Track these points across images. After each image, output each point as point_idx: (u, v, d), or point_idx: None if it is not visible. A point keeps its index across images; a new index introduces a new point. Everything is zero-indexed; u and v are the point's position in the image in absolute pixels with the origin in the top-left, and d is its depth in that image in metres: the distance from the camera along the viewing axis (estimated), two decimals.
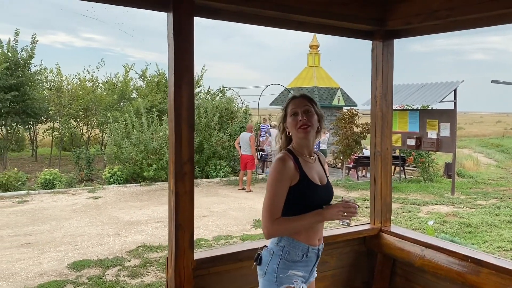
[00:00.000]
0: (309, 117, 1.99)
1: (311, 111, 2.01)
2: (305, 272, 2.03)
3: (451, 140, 10.73)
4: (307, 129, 1.98)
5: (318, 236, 2.06)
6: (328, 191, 2.08)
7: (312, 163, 2.05)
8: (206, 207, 9.19)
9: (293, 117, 2.01)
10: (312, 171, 2.02)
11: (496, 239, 7.02)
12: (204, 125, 13.53)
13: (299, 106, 2.01)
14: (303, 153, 2.03)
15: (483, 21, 2.41)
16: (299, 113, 1.99)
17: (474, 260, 2.37)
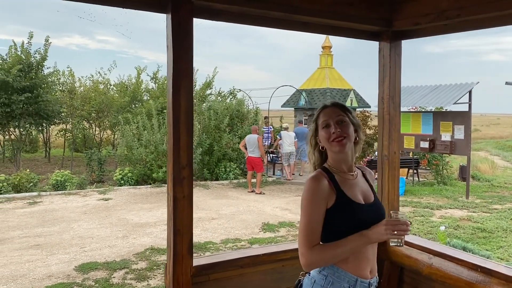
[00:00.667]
0: (344, 128, 1.75)
1: (345, 120, 1.77)
2: None
3: (465, 142, 10.53)
4: (342, 142, 1.74)
5: (369, 267, 1.76)
6: (376, 210, 1.79)
7: (352, 180, 1.80)
8: (215, 209, 9.15)
9: (325, 129, 1.77)
10: (353, 188, 1.77)
11: (511, 244, 6.84)
12: (214, 127, 13.51)
13: (331, 116, 1.78)
14: (341, 169, 1.79)
15: (494, 21, 2.32)
16: (332, 124, 1.76)
17: (484, 270, 2.27)
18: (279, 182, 12.97)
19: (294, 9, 2.36)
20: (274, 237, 7.24)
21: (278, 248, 2.61)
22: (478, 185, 12.78)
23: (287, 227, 7.84)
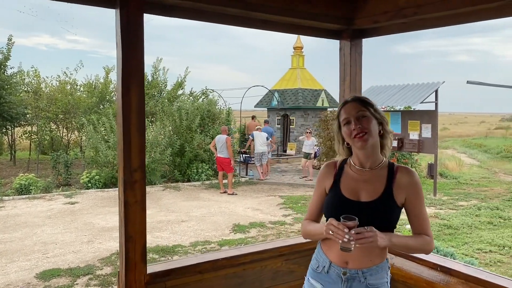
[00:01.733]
0: (365, 123, 1.73)
1: (366, 115, 1.75)
2: None
3: (432, 141, 10.73)
4: (364, 137, 1.72)
5: (343, 257, 1.77)
6: (360, 209, 1.73)
7: (359, 175, 1.80)
8: (186, 211, 9.02)
9: (347, 126, 1.76)
10: (352, 182, 1.80)
11: (475, 241, 6.99)
12: (185, 127, 13.34)
13: (351, 112, 1.76)
14: (356, 163, 1.82)
15: (450, 19, 2.32)
16: (352, 120, 1.75)
17: (443, 269, 2.27)
18: (251, 183, 12.92)
19: (251, 6, 2.29)
20: (244, 238, 7.17)
21: (239, 252, 2.54)
22: (446, 183, 13.08)
23: (257, 228, 7.78)
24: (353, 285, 1.78)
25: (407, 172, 1.79)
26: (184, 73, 17.83)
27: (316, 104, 19.02)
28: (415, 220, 1.79)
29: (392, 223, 1.77)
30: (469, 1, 2.09)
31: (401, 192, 1.75)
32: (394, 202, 1.74)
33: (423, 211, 1.79)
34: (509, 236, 7.25)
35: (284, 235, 7.34)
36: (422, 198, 1.79)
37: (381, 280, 1.82)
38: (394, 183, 1.76)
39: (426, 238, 1.78)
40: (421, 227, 1.79)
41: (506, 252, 6.46)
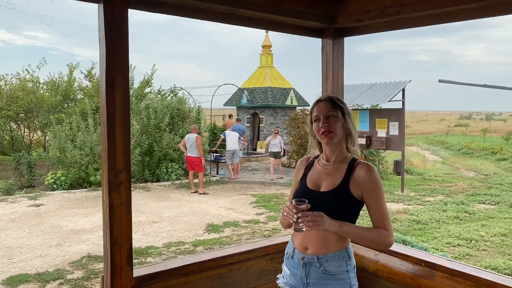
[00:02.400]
0: (332, 123, 1.90)
1: (334, 115, 1.91)
2: (295, 277, 1.98)
3: (399, 138, 10.99)
4: (329, 135, 1.90)
5: (303, 243, 1.94)
6: (317, 198, 1.88)
7: (323, 168, 1.98)
8: (157, 212, 8.86)
9: (316, 122, 1.95)
10: (315, 174, 1.99)
11: (444, 235, 7.22)
12: (154, 126, 13.11)
13: (322, 111, 1.93)
14: (323, 157, 2.01)
15: (432, 18, 2.36)
16: (321, 118, 1.92)
17: (428, 264, 2.31)
18: (223, 182, 12.85)
19: (237, 3, 2.26)
20: (219, 238, 7.12)
21: (225, 253, 2.50)
22: (412, 179, 13.45)
23: (231, 227, 7.74)
24: (310, 270, 1.92)
25: (365, 168, 1.90)
26: (151, 70, 17.53)
27: (285, 102, 19.13)
28: (373, 214, 1.88)
29: (349, 213, 1.88)
30: (452, 1, 2.14)
31: (358, 186, 1.87)
32: (350, 194, 1.86)
33: (381, 205, 1.87)
34: (475, 230, 7.53)
35: (258, 234, 7.33)
36: (379, 193, 1.87)
37: (340, 269, 1.90)
38: (352, 177, 1.88)
39: (382, 231, 1.85)
40: (379, 221, 1.87)
41: (473, 246, 6.70)
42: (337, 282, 1.89)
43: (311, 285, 1.93)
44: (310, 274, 1.92)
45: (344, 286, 1.90)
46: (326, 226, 1.77)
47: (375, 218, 1.87)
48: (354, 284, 1.94)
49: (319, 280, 1.90)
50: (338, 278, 1.89)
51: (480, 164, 17.55)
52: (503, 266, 5.72)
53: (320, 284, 1.91)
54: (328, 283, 1.89)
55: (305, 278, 1.94)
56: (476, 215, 8.70)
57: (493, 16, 2.15)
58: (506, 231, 7.49)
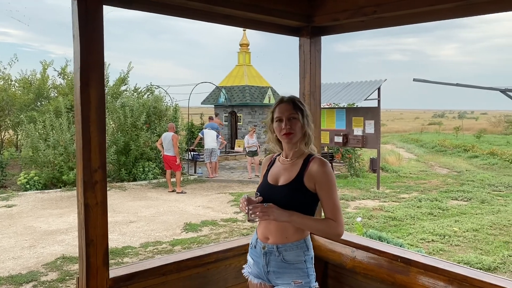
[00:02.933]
0: (293, 124, 2.03)
1: (296, 117, 2.03)
2: (257, 266, 2.10)
3: (375, 136, 11.16)
4: (290, 136, 2.03)
5: (264, 233, 2.07)
6: (272, 192, 2.04)
7: (282, 164, 2.11)
8: (134, 212, 8.75)
9: (278, 123, 2.05)
10: (275, 170, 2.12)
11: (419, 231, 7.37)
12: (131, 125, 12.93)
13: (283, 112, 2.04)
14: (283, 155, 2.14)
15: (408, 18, 2.40)
16: (284, 119, 2.03)
17: (403, 260, 2.34)
18: (200, 180, 12.78)
19: (215, 1, 2.25)
20: (197, 237, 7.08)
21: (203, 252, 2.49)
22: (387, 176, 13.67)
23: (209, 226, 7.71)
24: (270, 259, 2.05)
25: (318, 162, 2.01)
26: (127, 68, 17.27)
27: (263, 101, 19.17)
28: (325, 205, 1.98)
29: (303, 205, 1.99)
30: (427, 1, 2.17)
31: (311, 179, 1.98)
32: (304, 187, 1.98)
33: (332, 198, 1.98)
34: (448, 225, 7.71)
35: (237, 232, 7.33)
36: (330, 186, 1.98)
37: (298, 258, 2.02)
38: (306, 171, 2.00)
39: (331, 222, 1.96)
40: (330, 212, 1.97)
41: (447, 241, 6.86)
42: (295, 271, 2.01)
43: (271, 273, 2.05)
44: (270, 263, 2.05)
45: (302, 275, 2.01)
46: (275, 216, 1.91)
47: (327, 209, 1.99)
48: (311, 274, 2.05)
49: (278, 269, 2.03)
50: (296, 267, 2.01)
51: (453, 162, 17.99)
52: (475, 260, 5.88)
53: (279, 272, 2.03)
54: (286, 271, 2.02)
55: (266, 267, 2.06)
56: (449, 211, 8.91)
57: (467, 16, 2.20)
58: (478, 226, 7.70)
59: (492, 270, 5.64)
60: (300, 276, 2.00)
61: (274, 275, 2.04)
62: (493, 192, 11.09)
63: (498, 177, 13.55)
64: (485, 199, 10.10)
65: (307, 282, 2.01)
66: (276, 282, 2.05)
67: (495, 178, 13.42)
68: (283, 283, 2.02)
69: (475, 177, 13.49)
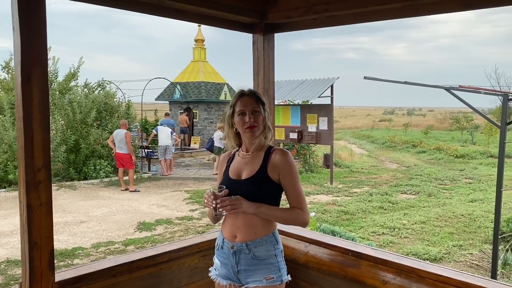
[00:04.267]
0: (256, 118, 2.01)
1: (258, 111, 2.03)
2: (226, 267, 2.07)
3: (329, 133, 11.39)
4: (254, 129, 2.01)
5: (232, 231, 2.04)
6: (237, 186, 2.01)
7: (243, 158, 2.08)
8: (85, 211, 8.46)
9: (241, 116, 2.02)
10: (237, 165, 2.08)
11: (370, 224, 7.61)
12: (80, 121, 12.47)
13: (247, 106, 2.02)
14: (243, 149, 2.11)
15: (358, 17, 2.45)
16: (247, 113, 2.01)
17: (354, 253, 2.40)
18: (155, 178, 12.55)
19: None
20: (151, 236, 6.95)
21: (155, 251, 2.43)
22: (340, 172, 14.02)
23: (164, 225, 7.59)
24: (240, 257, 2.01)
25: (280, 153, 2.03)
26: (78, 63, 16.63)
27: (219, 97, 19.07)
28: (289, 195, 2.01)
29: (269, 196, 2.01)
30: (376, 1, 2.23)
31: (275, 170, 1.99)
32: (268, 178, 1.99)
33: (296, 187, 2.01)
34: (398, 218, 8.02)
35: (192, 230, 7.25)
36: (294, 176, 2.01)
37: (268, 253, 2.01)
38: (269, 163, 2.01)
39: (297, 211, 1.99)
40: (295, 201, 2.00)
41: (396, 234, 7.13)
42: (266, 266, 2.00)
43: (242, 272, 2.02)
44: (240, 262, 2.01)
45: (273, 270, 2.00)
46: (244, 208, 1.91)
47: (291, 199, 2.01)
48: (282, 268, 2.05)
49: (249, 266, 2.00)
50: (267, 262, 2.00)
51: (402, 157, 18.71)
52: (422, 251, 6.15)
53: (250, 270, 2.00)
54: (257, 268, 1.99)
55: (236, 266, 2.03)
56: (399, 204, 9.27)
57: (414, 16, 2.28)
58: (425, 218, 8.05)
59: (438, 260, 5.92)
60: (272, 271, 2.00)
61: (245, 274, 2.02)
62: (439, 186, 11.64)
63: (444, 171, 14.24)
64: (431, 192, 10.58)
65: (279, 276, 2.01)
66: (246, 280, 2.02)
67: (441, 172, 14.10)
68: (254, 280, 2.00)
69: (423, 172, 14.11)
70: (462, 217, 8.21)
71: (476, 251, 6.35)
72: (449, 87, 4.93)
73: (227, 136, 2.16)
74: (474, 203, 9.49)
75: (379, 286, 2.25)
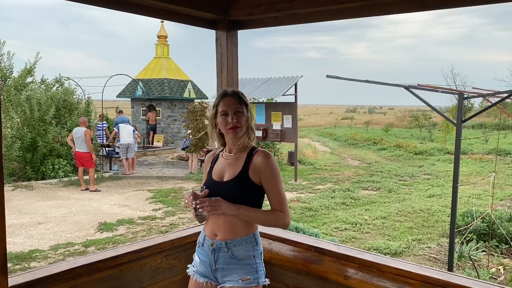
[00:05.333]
0: (239, 118, 2.01)
1: (241, 111, 2.03)
2: (204, 264, 2.06)
3: (293, 130, 11.50)
4: (236, 130, 2.01)
5: (213, 230, 2.04)
6: (218, 187, 2.01)
7: (226, 159, 2.08)
8: (42, 212, 8.16)
9: (224, 117, 2.02)
10: (220, 166, 2.08)
11: (333, 220, 7.74)
12: (38, 119, 12.01)
13: (229, 106, 2.02)
14: (227, 150, 2.10)
15: (320, 15, 2.47)
16: (230, 113, 2.00)
17: (317, 249, 2.43)
18: (116, 178, 12.26)
19: None
20: (112, 237, 6.78)
21: (116, 252, 2.37)
22: (304, 169, 14.19)
23: (126, 225, 7.43)
24: (219, 255, 2.02)
25: (262, 155, 2.01)
26: (34, 58, 15.98)
27: (183, 95, 18.84)
28: (271, 197, 2.00)
29: (250, 199, 1.99)
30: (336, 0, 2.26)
31: (256, 172, 1.98)
32: (249, 180, 1.98)
33: (278, 189, 2.00)
34: (360, 214, 8.20)
35: (155, 230, 7.14)
36: (275, 178, 2.00)
37: (247, 253, 2.01)
38: (251, 164, 2.00)
39: (278, 213, 1.98)
40: (276, 204, 1.99)
41: (358, 229, 7.29)
42: (244, 266, 1.99)
43: (220, 270, 2.02)
44: (218, 260, 2.02)
45: (251, 271, 2.00)
46: (223, 210, 1.91)
47: (273, 201, 2.00)
48: (260, 270, 2.04)
49: (227, 265, 2.00)
50: (245, 263, 1.99)
51: (364, 154, 19.15)
52: (383, 246, 6.32)
53: (227, 269, 2.00)
54: (235, 267, 1.99)
55: (214, 264, 2.03)
56: (360, 200, 9.48)
57: (373, 16, 2.32)
58: (386, 214, 8.28)
59: (398, 254, 6.09)
60: (249, 272, 1.99)
61: (222, 272, 2.01)
62: (399, 182, 11.99)
63: (404, 168, 14.68)
64: (392, 188, 10.89)
65: (256, 278, 2.00)
66: (223, 280, 2.02)
67: (401, 168, 14.53)
68: (230, 280, 1.99)
69: (383, 168, 14.49)
70: (421, 212, 8.49)
71: (434, 244, 6.58)
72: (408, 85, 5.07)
73: (211, 137, 2.15)
74: (432, 198, 9.84)
75: (341, 281, 2.29)
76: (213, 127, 2.10)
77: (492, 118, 31.69)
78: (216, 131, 2.09)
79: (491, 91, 5.87)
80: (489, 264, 5.67)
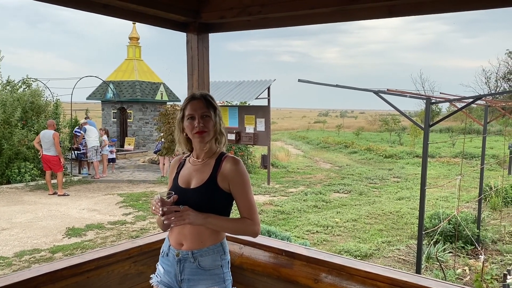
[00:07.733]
0: (206, 122, 1.93)
1: (209, 115, 1.94)
2: (169, 275, 1.98)
3: (266, 134, 11.45)
4: (203, 135, 1.93)
5: (178, 239, 1.95)
6: (190, 195, 1.92)
7: (193, 165, 2.00)
8: (7, 218, 7.88)
9: (190, 120, 1.94)
10: (186, 172, 2.00)
11: (305, 223, 7.78)
12: (3, 121, 11.61)
13: (196, 110, 1.94)
14: (194, 155, 2.03)
15: (290, 20, 2.48)
16: (196, 117, 1.92)
17: (288, 253, 2.42)
18: (86, 181, 11.98)
19: None
20: (80, 242, 6.61)
21: (82, 259, 2.30)
22: (277, 172, 14.24)
23: (95, 230, 7.26)
24: (185, 266, 1.94)
25: (231, 161, 1.95)
26: None
27: (155, 97, 18.61)
28: (240, 205, 1.94)
29: (219, 207, 1.92)
30: (307, 5, 2.27)
31: (225, 179, 1.92)
32: (218, 187, 1.91)
33: (247, 196, 1.94)
34: (331, 217, 8.28)
35: (125, 235, 7.00)
36: (245, 185, 1.94)
37: (214, 263, 1.94)
38: (219, 171, 1.93)
39: (247, 221, 1.92)
40: (246, 212, 1.93)
41: (329, 232, 7.36)
42: (211, 277, 1.92)
43: (185, 281, 1.94)
44: (184, 270, 1.94)
45: (218, 281, 1.93)
46: (191, 219, 1.82)
47: (242, 209, 1.93)
48: (227, 279, 1.98)
49: (193, 276, 1.92)
50: (212, 273, 1.93)
51: (335, 157, 19.39)
52: (354, 248, 6.39)
53: (194, 280, 1.92)
54: (201, 278, 1.92)
55: (179, 275, 1.95)
56: (332, 203, 9.58)
57: (344, 21, 2.34)
58: (357, 216, 8.39)
59: (368, 256, 6.18)
60: (216, 282, 1.92)
61: (188, 283, 1.94)
62: (369, 185, 12.19)
63: (374, 171, 14.94)
64: (362, 191, 11.05)
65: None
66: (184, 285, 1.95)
67: (371, 171, 14.78)
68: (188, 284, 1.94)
69: (354, 171, 14.70)
70: (391, 215, 8.65)
71: (403, 246, 6.71)
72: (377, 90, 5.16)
73: (178, 141, 2.06)
74: (402, 200, 10.04)
75: (311, 285, 2.30)
76: (180, 131, 2.03)
77: (459, 123, 32.68)
78: (183, 135, 2.02)
79: (458, 96, 6.05)
80: (456, 265, 5.83)
